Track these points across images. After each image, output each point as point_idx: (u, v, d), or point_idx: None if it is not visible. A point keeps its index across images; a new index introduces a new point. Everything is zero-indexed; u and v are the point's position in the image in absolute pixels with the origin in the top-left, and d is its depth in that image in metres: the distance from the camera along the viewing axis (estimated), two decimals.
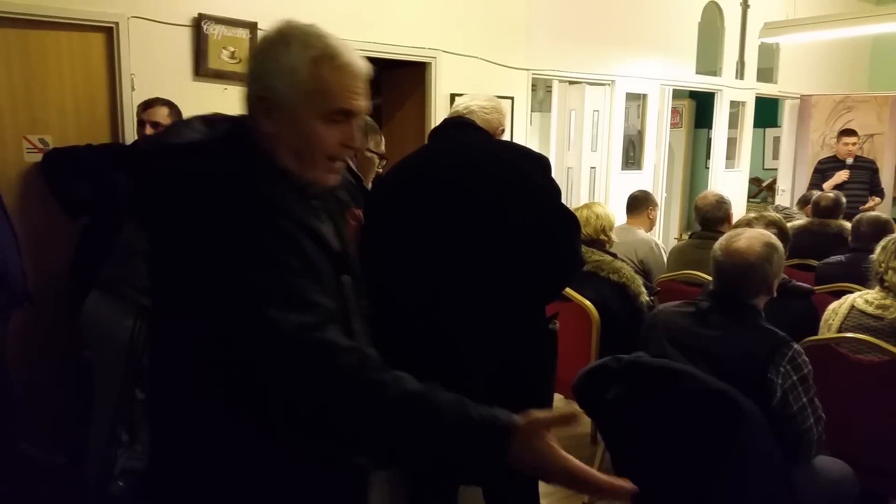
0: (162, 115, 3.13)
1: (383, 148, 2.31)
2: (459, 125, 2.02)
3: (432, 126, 4.45)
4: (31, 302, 2.96)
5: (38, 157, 3.26)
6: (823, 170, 6.04)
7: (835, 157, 6.09)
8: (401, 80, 4.79)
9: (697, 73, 6.05)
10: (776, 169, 7.57)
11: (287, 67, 1.16)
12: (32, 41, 3.24)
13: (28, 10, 3.16)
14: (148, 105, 3.14)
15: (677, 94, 6.28)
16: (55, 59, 3.30)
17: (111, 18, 3.35)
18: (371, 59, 4.62)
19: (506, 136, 2.26)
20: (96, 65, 3.40)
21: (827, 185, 5.77)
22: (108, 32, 3.39)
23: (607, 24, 5.30)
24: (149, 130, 3.10)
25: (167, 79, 3.50)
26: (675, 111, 6.83)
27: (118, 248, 2.65)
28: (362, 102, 1.22)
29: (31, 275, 2.96)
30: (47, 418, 3.18)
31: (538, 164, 1.92)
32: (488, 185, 1.85)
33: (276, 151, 1.19)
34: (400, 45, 4.33)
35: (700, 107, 7.93)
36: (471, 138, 1.98)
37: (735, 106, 6.47)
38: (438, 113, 4.51)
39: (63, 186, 3.24)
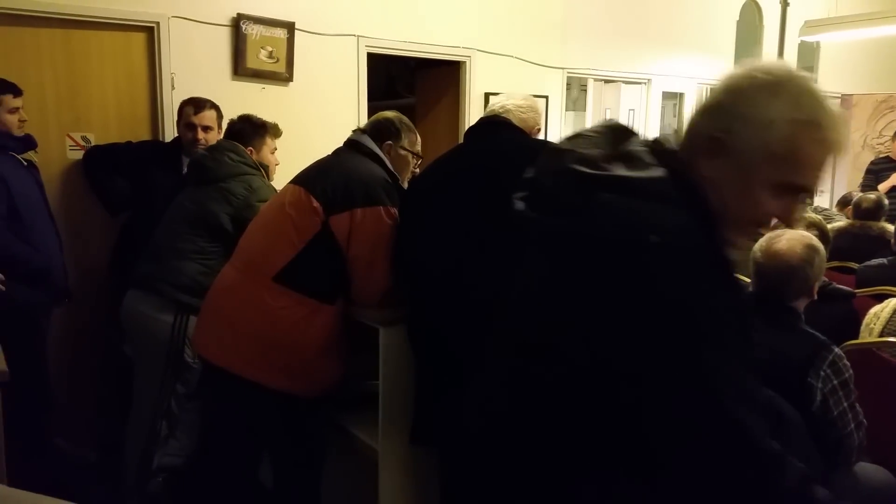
0: (212, 118, 3.17)
1: (419, 147, 2.32)
2: (495, 124, 2.02)
3: (466, 125, 4.48)
4: (71, 298, 3.03)
5: (81, 155, 3.34)
6: (877, 171, 5.83)
7: (888, 157, 5.91)
8: (435, 79, 4.80)
9: None
10: None
11: (764, 119, 1.00)
12: (76, 41, 3.32)
13: (72, 10, 3.24)
14: (199, 108, 3.17)
15: None
16: (98, 58, 3.38)
17: (152, 18, 3.42)
18: (405, 58, 4.62)
19: (540, 136, 2.25)
20: (137, 64, 3.47)
21: (883, 186, 5.57)
22: (149, 32, 3.45)
23: (644, 23, 5.24)
24: (200, 134, 3.13)
25: (206, 78, 3.56)
26: None
27: (153, 246, 2.70)
28: (822, 181, 1.05)
29: (71, 271, 3.03)
30: (82, 414, 3.26)
31: None
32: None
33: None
34: (435, 44, 4.34)
35: None
36: (507, 137, 1.98)
37: None
38: (472, 112, 4.52)
39: (103, 183, 3.31)
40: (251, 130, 2.87)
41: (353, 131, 2.29)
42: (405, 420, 2.08)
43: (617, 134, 1.10)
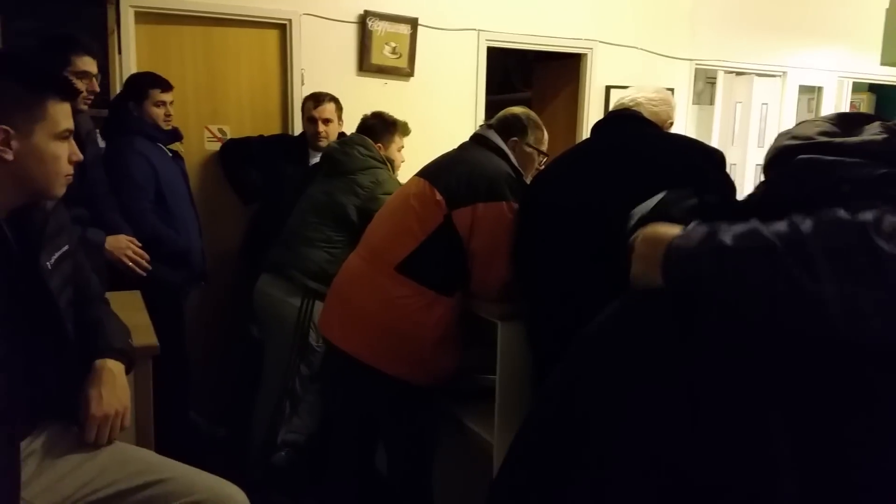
0: (331, 111, 3.28)
1: (545, 145, 2.29)
2: (626, 118, 1.96)
3: (586, 120, 4.41)
4: (207, 281, 3.22)
5: (217, 146, 3.55)
6: None
7: None
8: (553, 72, 4.73)
9: (882, 64, 5.49)
10: None
11: None
12: (215, 37, 3.52)
13: (212, 8, 3.43)
14: (318, 102, 3.27)
15: (856, 87, 5.75)
16: (234, 54, 3.56)
17: (285, 16, 3.57)
18: (523, 51, 4.54)
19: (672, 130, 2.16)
20: (270, 60, 3.64)
21: None
22: (282, 29, 3.61)
23: (780, 11, 4.94)
24: (321, 127, 3.25)
25: (333, 74, 3.67)
26: (852, 105, 6.25)
27: (285, 233, 2.83)
28: None
29: (207, 254, 3.21)
30: (213, 390, 3.44)
31: (712, 159, 1.82)
32: (658, 180, 1.78)
33: None
34: (555, 36, 4.27)
35: (881, 101, 7.21)
36: (638, 131, 1.91)
37: None
38: (592, 106, 4.42)
39: (237, 174, 3.51)
40: (382, 127, 2.94)
41: (480, 126, 2.29)
42: (521, 415, 2.06)
43: (848, 119, 1.02)
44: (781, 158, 1.00)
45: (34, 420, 1.42)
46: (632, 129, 1.93)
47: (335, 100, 3.32)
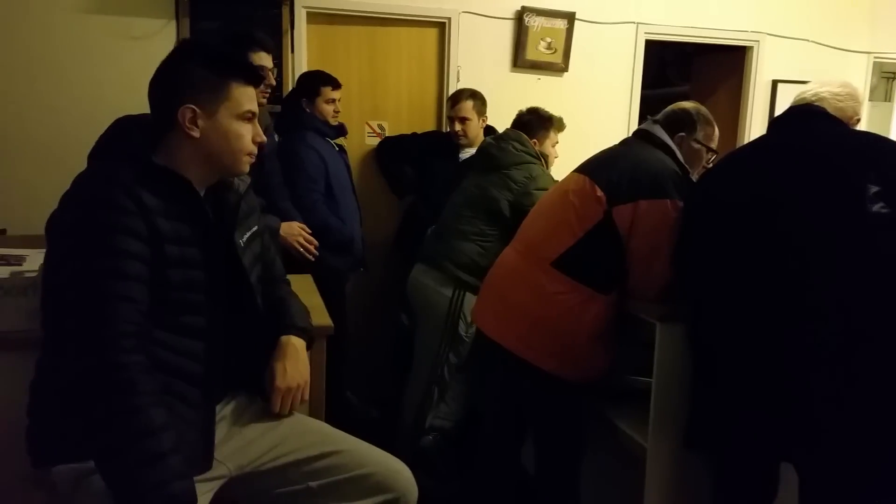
0: (468, 108, 3.32)
1: (715, 142, 2.19)
2: (808, 113, 1.83)
3: (749, 116, 4.21)
4: (366, 268, 3.38)
5: (376, 141, 3.71)
6: None
7: None
8: (714, 65, 4.52)
9: None
10: None
11: None
12: (378, 36, 3.68)
13: (377, 8, 3.60)
14: (455, 101, 3.34)
15: None
16: (395, 52, 3.71)
17: (445, 14, 3.67)
18: (681, 44, 4.35)
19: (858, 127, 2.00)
20: (428, 58, 3.75)
21: None
22: (441, 27, 3.71)
23: None
24: (457, 126, 3.31)
25: (487, 70, 3.73)
26: None
27: (440, 225, 2.92)
28: None
29: (366, 243, 3.37)
30: (368, 373, 3.60)
31: None
32: (845, 182, 1.66)
33: None
34: (719, 28, 4.08)
35: None
36: (821, 128, 1.79)
37: None
38: (757, 102, 4.20)
39: (392, 170, 3.67)
40: (537, 123, 2.95)
41: (646, 120, 2.24)
42: (677, 420, 2.00)
43: None
44: None
45: (226, 388, 1.55)
46: (815, 126, 1.81)
47: (475, 95, 3.34)
